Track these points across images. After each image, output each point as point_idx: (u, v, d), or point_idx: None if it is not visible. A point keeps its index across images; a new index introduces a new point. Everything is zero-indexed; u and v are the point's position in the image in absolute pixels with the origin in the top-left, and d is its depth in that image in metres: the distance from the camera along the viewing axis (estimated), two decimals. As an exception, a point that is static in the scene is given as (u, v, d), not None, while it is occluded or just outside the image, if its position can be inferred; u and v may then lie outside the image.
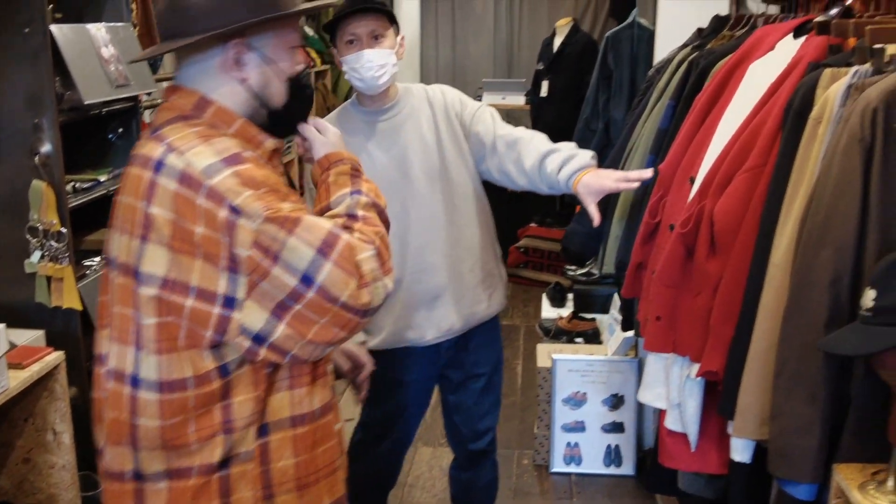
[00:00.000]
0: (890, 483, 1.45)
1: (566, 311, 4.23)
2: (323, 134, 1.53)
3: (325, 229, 1.27)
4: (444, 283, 2.30)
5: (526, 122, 6.20)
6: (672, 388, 2.13)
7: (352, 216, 1.36)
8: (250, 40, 1.34)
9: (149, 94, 2.88)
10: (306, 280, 1.24)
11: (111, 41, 2.55)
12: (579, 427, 3.49)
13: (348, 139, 2.23)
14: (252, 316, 1.27)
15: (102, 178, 2.45)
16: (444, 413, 2.59)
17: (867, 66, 1.56)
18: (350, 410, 3.38)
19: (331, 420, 1.48)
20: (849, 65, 1.65)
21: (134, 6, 3.17)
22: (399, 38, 2.26)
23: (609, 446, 3.47)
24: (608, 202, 2.81)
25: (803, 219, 1.58)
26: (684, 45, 2.92)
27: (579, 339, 3.87)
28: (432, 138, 2.29)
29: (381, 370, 2.39)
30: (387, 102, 2.28)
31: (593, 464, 3.47)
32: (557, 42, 5.55)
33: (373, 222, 1.37)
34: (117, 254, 1.34)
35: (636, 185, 2.17)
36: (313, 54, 5.39)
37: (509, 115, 6.52)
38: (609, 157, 3.04)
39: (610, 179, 2.13)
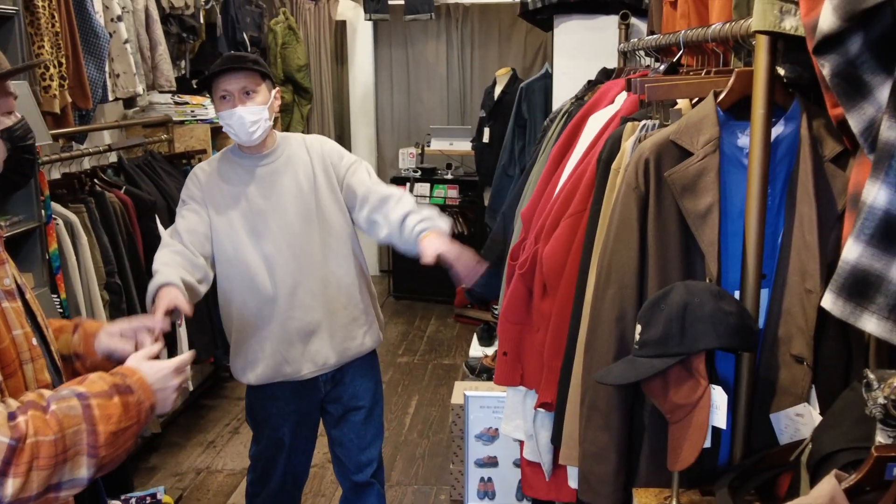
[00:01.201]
0: (672, 506, 1.57)
1: (493, 349, 4.34)
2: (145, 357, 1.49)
3: None
4: (318, 320, 2.43)
5: (471, 166, 6.39)
6: (527, 420, 2.25)
7: (42, 406, 1.23)
8: None
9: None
10: None
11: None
12: (492, 462, 3.58)
13: (227, 184, 2.39)
14: None
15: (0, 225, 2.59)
16: (329, 448, 2.71)
17: (655, 120, 1.71)
18: (241, 460, 3.47)
19: None
20: (649, 119, 1.80)
21: (64, 60, 3.34)
22: (274, 91, 2.41)
23: (521, 481, 3.56)
24: (506, 243, 2.97)
25: (600, 261, 1.72)
26: (574, 97, 3.09)
27: (499, 378, 3.97)
28: (308, 184, 2.43)
29: (260, 404, 2.52)
30: (264, 150, 2.43)
31: (506, 498, 3.56)
32: (497, 91, 5.74)
33: (50, 424, 1.22)
34: None
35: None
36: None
37: (454, 160, 6.71)
38: (507, 203, 3.19)
39: (444, 247, 2.27)
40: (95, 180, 3.61)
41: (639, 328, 1.51)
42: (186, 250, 2.33)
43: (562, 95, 3.37)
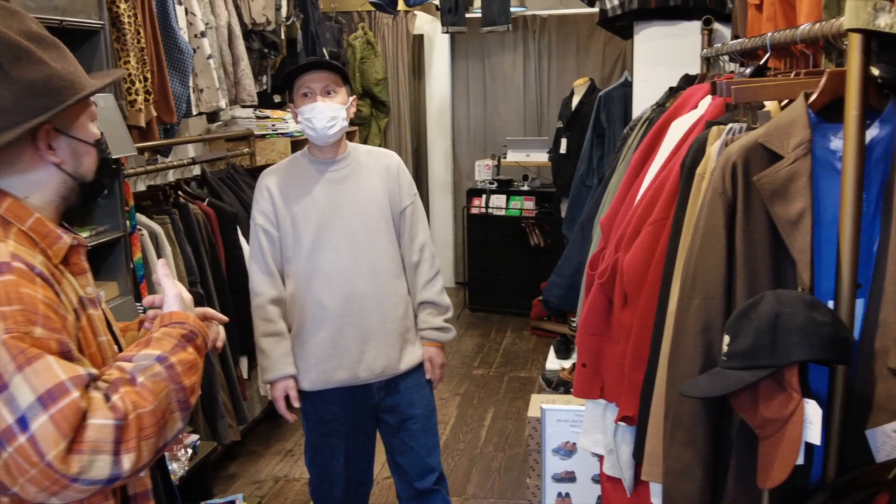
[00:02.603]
0: (761, 524, 1.49)
1: (570, 362, 4.27)
2: (179, 294, 1.51)
3: (57, 379, 1.18)
4: (372, 327, 2.46)
5: (548, 177, 6.34)
6: (608, 435, 2.19)
7: (129, 378, 1.27)
8: (55, 125, 1.36)
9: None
10: (22, 422, 1.15)
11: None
12: (570, 477, 3.51)
13: (296, 188, 2.43)
14: None
15: (85, 235, 2.66)
16: (388, 459, 2.72)
17: (742, 123, 1.65)
18: (301, 470, 3.49)
19: None
20: (736, 122, 1.74)
21: (149, 75, 3.43)
22: (351, 98, 2.46)
23: (600, 497, 3.48)
24: (583, 253, 2.92)
25: (684, 270, 1.66)
26: (655, 104, 3.02)
27: (577, 391, 3.90)
28: (373, 195, 2.48)
29: (314, 409, 2.55)
30: (336, 155, 2.47)
31: (585, 515, 3.49)
32: (575, 101, 5.68)
33: (145, 396, 1.26)
34: None
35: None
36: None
37: (531, 171, 6.67)
38: (585, 213, 3.14)
39: (436, 362, 2.66)
40: (179, 192, 3.70)
41: (726, 339, 1.45)
42: (276, 293, 2.49)
43: (642, 103, 3.30)
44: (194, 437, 3.39)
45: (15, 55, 1.29)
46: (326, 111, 2.38)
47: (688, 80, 2.96)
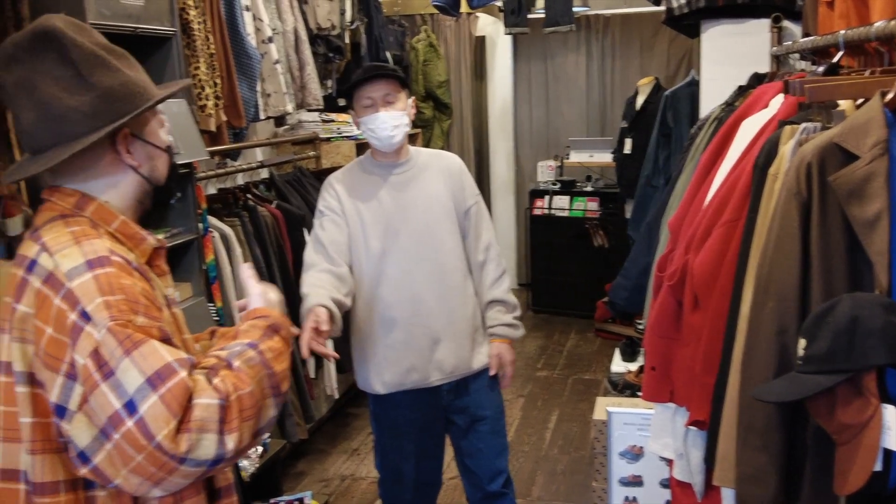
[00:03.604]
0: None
1: (636, 364, 4.23)
2: (262, 293, 1.55)
3: (164, 361, 1.22)
4: (441, 328, 2.48)
5: (612, 178, 6.28)
6: (677, 439, 2.17)
7: (226, 363, 1.31)
8: (133, 131, 1.42)
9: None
10: (130, 406, 1.18)
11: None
12: (637, 482, 3.48)
13: (361, 192, 2.46)
14: (80, 431, 1.23)
15: (160, 237, 2.72)
16: (457, 461, 2.73)
17: (816, 123, 1.62)
18: (367, 469, 3.51)
19: None
20: (809, 122, 1.70)
21: (219, 80, 3.50)
22: (410, 101, 2.50)
23: (668, 501, 3.44)
24: (650, 255, 2.90)
25: (758, 271, 1.63)
26: (724, 103, 2.98)
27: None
28: (437, 198, 2.51)
29: (384, 413, 2.56)
30: (398, 159, 2.51)
31: (652, 519, 3.45)
32: (640, 101, 5.63)
33: (243, 378, 1.30)
34: (0, 353, 1.35)
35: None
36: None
37: (594, 172, 6.62)
38: (652, 213, 3.11)
39: (503, 360, 2.62)
40: (248, 195, 3.77)
41: (802, 343, 1.42)
42: (332, 267, 2.41)
43: (709, 102, 3.25)
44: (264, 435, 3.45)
45: (93, 63, 1.34)
46: (389, 120, 2.42)
47: (757, 79, 2.90)
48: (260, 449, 3.40)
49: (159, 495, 1.28)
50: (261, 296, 1.55)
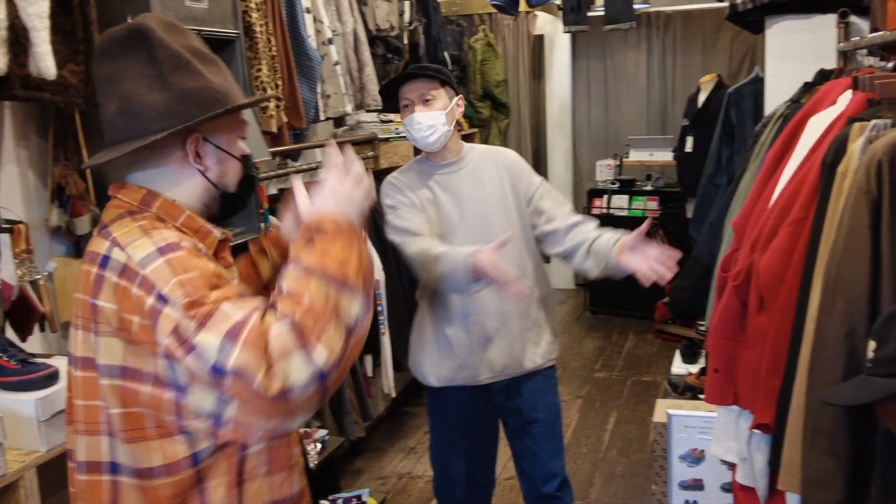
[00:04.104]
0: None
1: (697, 367, 4.17)
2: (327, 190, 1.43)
3: (235, 318, 1.25)
4: (494, 327, 2.46)
5: (672, 176, 6.19)
6: (741, 442, 2.13)
7: (278, 293, 1.32)
8: (205, 135, 1.43)
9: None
10: (217, 370, 1.22)
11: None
12: (698, 485, 3.42)
13: (416, 192, 2.46)
14: (200, 399, 1.27)
15: (225, 236, 2.78)
16: (514, 461, 2.72)
17: (886, 120, 1.57)
18: (424, 467, 3.52)
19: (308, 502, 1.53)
20: (879, 118, 1.66)
21: (280, 82, 3.55)
22: (456, 98, 2.48)
23: (729, 506, 3.39)
24: (712, 255, 2.85)
25: (826, 272, 1.60)
26: (789, 100, 2.91)
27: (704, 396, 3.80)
28: (493, 194, 2.49)
29: (437, 407, 2.57)
30: (449, 158, 2.50)
31: (713, 524, 3.39)
32: (701, 98, 5.54)
33: (296, 295, 1.28)
34: (74, 349, 1.39)
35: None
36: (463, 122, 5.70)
37: (654, 171, 6.53)
38: (714, 213, 3.06)
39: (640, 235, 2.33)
40: (308, 195, 3.80)
41: (872, 345, 1.38)
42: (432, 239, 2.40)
43: (774, 100, 3.18)
44: (323, 432, 3.50)
45: (175, 64, 1.38)
46: (423, 120, 2.40)
47: (824, 76, 2.83)
48: (319, 445, 3.44)
49: (297, 426, 1.34)
50: (307, 200, 1.44)
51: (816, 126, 1.99)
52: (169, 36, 1.39)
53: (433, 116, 2.41)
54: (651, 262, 2.27)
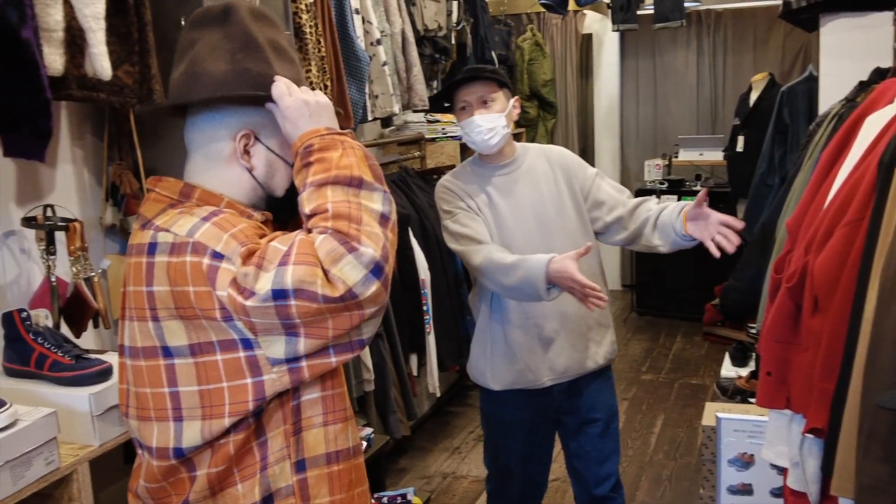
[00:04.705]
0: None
1: (747, 370, 4.11)
2: (303, 101, 1.42)
3: (284, 246, 1.28)
4: (555, 328, 2.44)
5: (723, 176, 6.10)
6: (793, 447, 2.09)
7: (305, 217, 1.35)
8: (257, 133, 1.45)
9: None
10: (278, 293, 1.24)
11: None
12: (747, 490, 3.37)
13: (471, 194, 2.45)
14: (271, 346, 1.30)
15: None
16: (566, 461, 2.69)
17: (949, 118, 1.53)
18: (478, 467, 3.51)
19: (362, 464, 1.53)
20: (942, 117, 1.61)
21: (329, 83, 3.58)
22: (512, 100, 2.48)
23: (780, 512, 3.33)
24: (765, 256, 2.80)
25: (884, 273, 1.56)
26: (844, 99, 2.86)
27: (754, 400, 3.75)
28: (550, 193, 2.47)
29: (496, 411, 2.55)
30: (504, 160, 2.48)
31: (762, 529, 3.34)
32: (753, 97, 5.46)
33: (319, 210, 1.32)
34: (131, 342, 1.41)
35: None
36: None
37: (704, 170, 6.44)
38: (767, 213, 3.01)
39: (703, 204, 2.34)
40: (356, 194, 3.83)
41: (932, 349, 1.35)
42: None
43: (829, 98, 3.12)
44: (368, 430, 3.52)
45: (247, 45, 1.42)
46: (484, 123, 2.39)
47: (880, 74, 2.77)
48: (364, 444, 3.46)
49: (373, 333, 1.36)
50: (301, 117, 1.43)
51: (873, 125, 1.94)
52: (254, 23, 1.44)
53: (493, 119, 2.40)
54: (713, 232, 2.30)
